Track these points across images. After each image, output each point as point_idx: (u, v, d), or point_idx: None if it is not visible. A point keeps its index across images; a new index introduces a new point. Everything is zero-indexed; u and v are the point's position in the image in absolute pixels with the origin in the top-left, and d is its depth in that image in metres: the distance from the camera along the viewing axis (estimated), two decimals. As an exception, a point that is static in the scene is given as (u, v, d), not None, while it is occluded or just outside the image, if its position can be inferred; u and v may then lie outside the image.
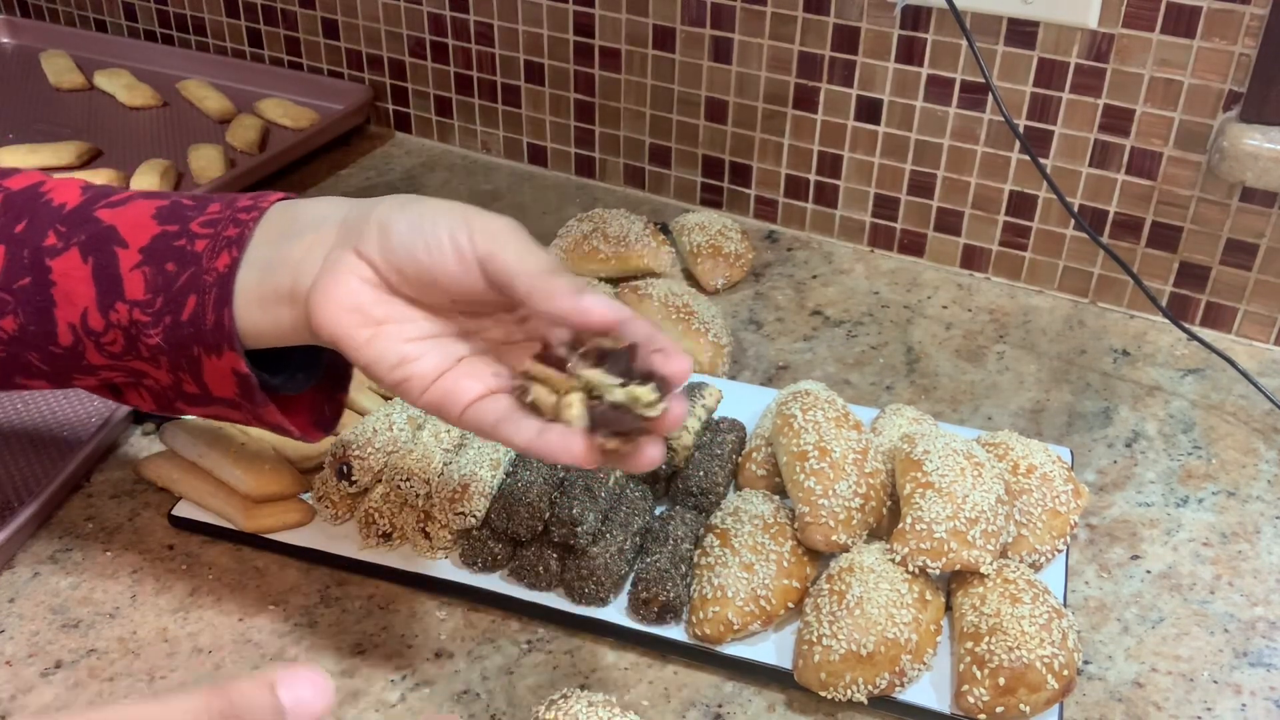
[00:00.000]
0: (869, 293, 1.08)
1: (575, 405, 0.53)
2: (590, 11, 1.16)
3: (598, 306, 0.52)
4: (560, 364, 0.54)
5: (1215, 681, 0.72)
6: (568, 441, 0.53)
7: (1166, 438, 0.91)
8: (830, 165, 1.12)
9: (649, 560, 0.74)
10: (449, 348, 0.58)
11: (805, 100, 1.10)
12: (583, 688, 0.70)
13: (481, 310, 0.59)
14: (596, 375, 0.52)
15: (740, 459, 0.83)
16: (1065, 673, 0.67)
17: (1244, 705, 0.71)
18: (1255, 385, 0.93)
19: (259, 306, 0.58)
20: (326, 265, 0.56)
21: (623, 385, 0.52)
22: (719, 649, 0.71)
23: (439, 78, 1.29)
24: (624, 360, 0.52)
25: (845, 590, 0.70)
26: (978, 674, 0.67)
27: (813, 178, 1.14)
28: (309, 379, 0.65)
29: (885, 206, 1.11)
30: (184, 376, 0.61)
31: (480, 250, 0.54)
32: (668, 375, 0.53)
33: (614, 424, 0.52)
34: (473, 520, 0.75)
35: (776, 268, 1.12)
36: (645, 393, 0.51)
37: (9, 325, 0.61)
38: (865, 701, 0.68)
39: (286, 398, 0.64)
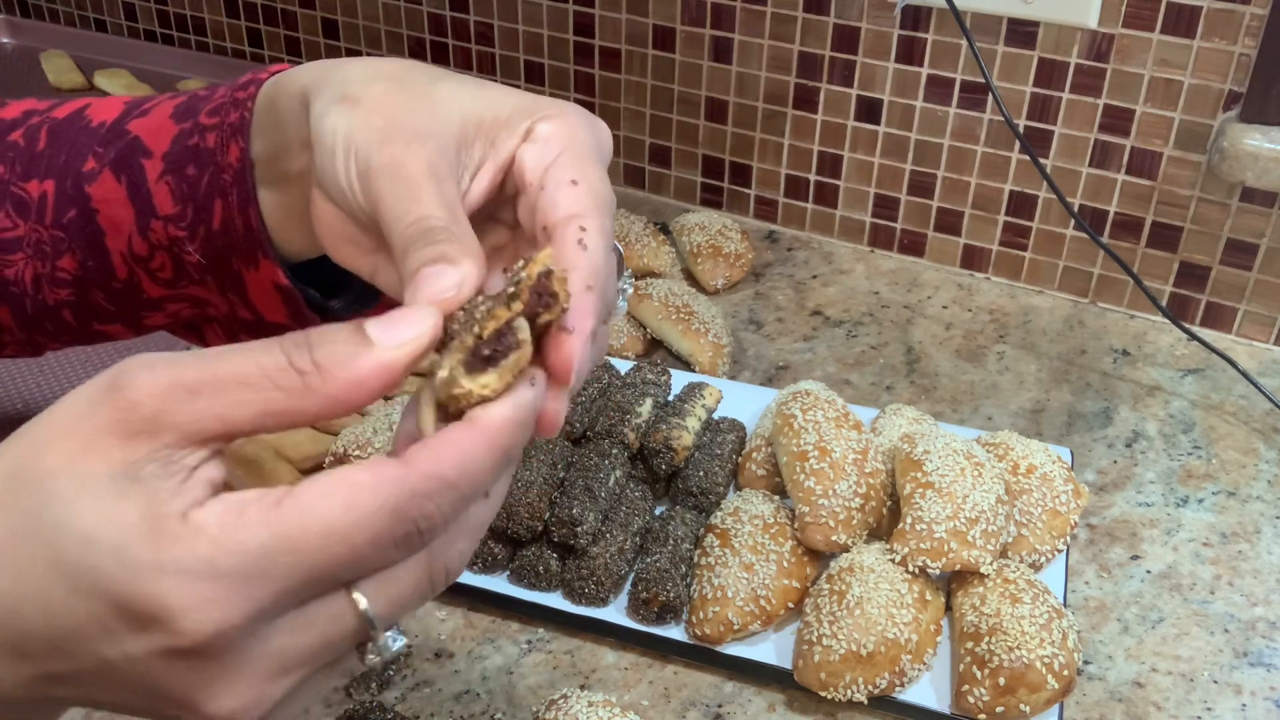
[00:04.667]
0: (869, 293, 1.08)
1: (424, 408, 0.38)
2: (590, 11, 1.16)
3: (431, 287, 0.38)
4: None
5: (1215, 681, 0.72)
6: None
7: (1166, 438, 0.91)
8: (830, 165, 1.12)
9: (649, 560, 0.74)
10: None
11: (805, 100, 1.10)
12: (583, 688, 0.70)
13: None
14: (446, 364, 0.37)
15: (740, 459, 0.83)
16: (1065, 673, 0.67)
17: (1244, 705, 0.71)
18: (1255, 385, 0.93)
19: (288, 221, 0.52)
20: (311, 184, 0.48)
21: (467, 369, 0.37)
22: (719, 649, 0.71)
23: (439, 78, 1.29)
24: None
25: (845, 590, 0.70)
26: (978, 674, 0.67)
27: (813, 178, 1.14)
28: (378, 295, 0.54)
29: (885, 206, 1.11)
30: (234, 299, 0.55)
31: (364, 200, 0.43)
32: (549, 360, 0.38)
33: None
34: (473, 520, 0.75)
35: (776, 268, 1.12)
36: (467, 384, 0.36)
37: (69, 265, 0.56)
38: (865, 701, 0.68)
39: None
